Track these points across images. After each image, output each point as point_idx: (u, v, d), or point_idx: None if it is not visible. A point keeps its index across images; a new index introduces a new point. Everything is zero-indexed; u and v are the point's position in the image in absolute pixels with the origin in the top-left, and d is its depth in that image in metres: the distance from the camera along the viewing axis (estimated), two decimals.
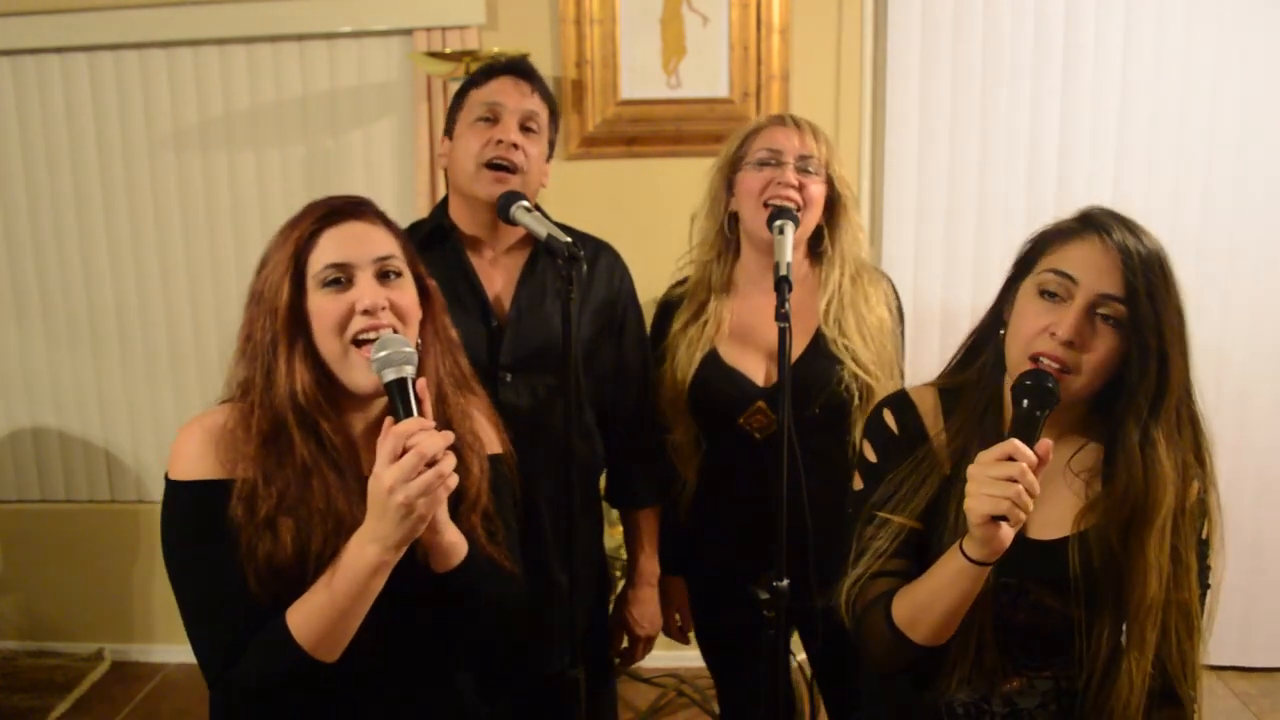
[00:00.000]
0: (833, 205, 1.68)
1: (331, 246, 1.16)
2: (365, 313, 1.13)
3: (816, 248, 1.71)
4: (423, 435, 1.03)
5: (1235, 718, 2.68)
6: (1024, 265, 1.22)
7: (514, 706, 1.64)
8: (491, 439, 1.32)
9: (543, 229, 1.43)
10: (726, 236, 1.72)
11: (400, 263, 1.20)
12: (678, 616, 1.84)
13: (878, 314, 1.67)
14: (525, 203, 1.51)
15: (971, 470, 1.04)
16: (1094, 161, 2.72)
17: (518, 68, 1.65)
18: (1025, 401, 1.06)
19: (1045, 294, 1.15)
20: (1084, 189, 2.72)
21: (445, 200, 1.70)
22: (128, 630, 3.11)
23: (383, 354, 1.09)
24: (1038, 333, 1.13)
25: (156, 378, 3.01)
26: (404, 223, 1.75)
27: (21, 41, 2.80)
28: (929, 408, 1.28)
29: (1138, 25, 2.65)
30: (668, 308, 1.77)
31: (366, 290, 1.14)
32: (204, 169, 2.88)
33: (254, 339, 1.16)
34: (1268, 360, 2.76)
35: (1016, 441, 1.02)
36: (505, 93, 1.61)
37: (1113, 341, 1.11)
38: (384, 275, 1.17)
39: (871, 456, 1.29)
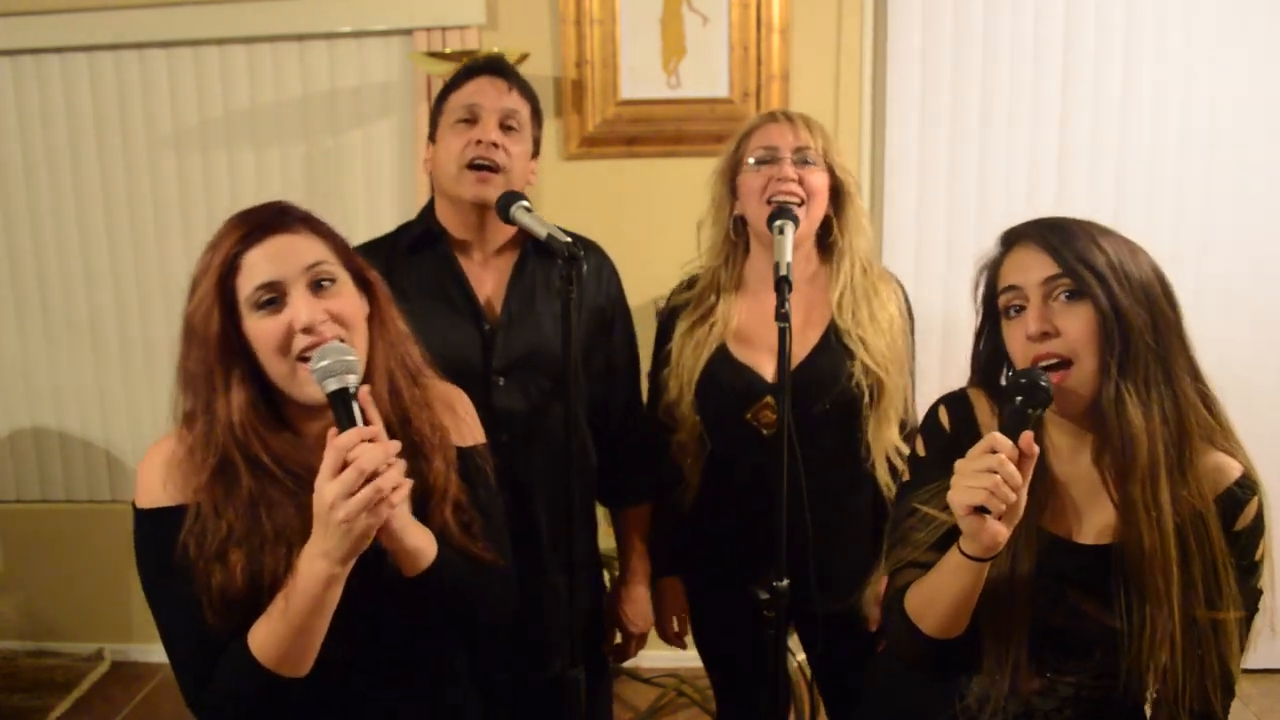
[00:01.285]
0: (838, 194, 1.67)
1: (258, 266, 1.11)
2: (305, 330, 1.10)
3: (826, 239, 1.70)
4: (363, 448, 1.00)
5: (1235, 718, 2.67)
6: (988, 304, 1.26)
7: (513, 707, 1.65)
8: (467, 428, 1.29)
9: (543, 230, 1.43)
10: (733, 240, 1.71)
11: (333, 267, 1.15)
12: (675, 620, 1.82)
13: (889, 309, 1.67)
14: (525, 203, 1.51)
15: (957, 465, 1.06)
16: (1095, 160, 2.72)
17: (494, 67, 1.64)
18: (1018, 398, 1.07)
19: (1010, 313, 1.20)
20: (1085, 187, 2.73)
21: (431, 203, 1.70)
22: (128, 630, 3.11)
23: (322, 364, 1.05)
24: (1023, 345, 1.17)
25: (156, 378, 3.01)
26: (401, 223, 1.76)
27: (21, 41, 2.80)
28: (985, 410, 1.28)
29: (1138, 24, 2.65)
30: (673, 313, 1.75)
31: (302, 307, 1.10)
32: (204, 169, 2.88)
33: (190, 371, 1.13)
34: (1270, 359, 2.76)
35: (997, 434, 1.03)
36: (483, 93, 1.60)
37: (1083, 311, 1.14)
38: (317, 285, 1.13)
39: (921, 451, 1.30)
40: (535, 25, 2.73)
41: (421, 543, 1.11)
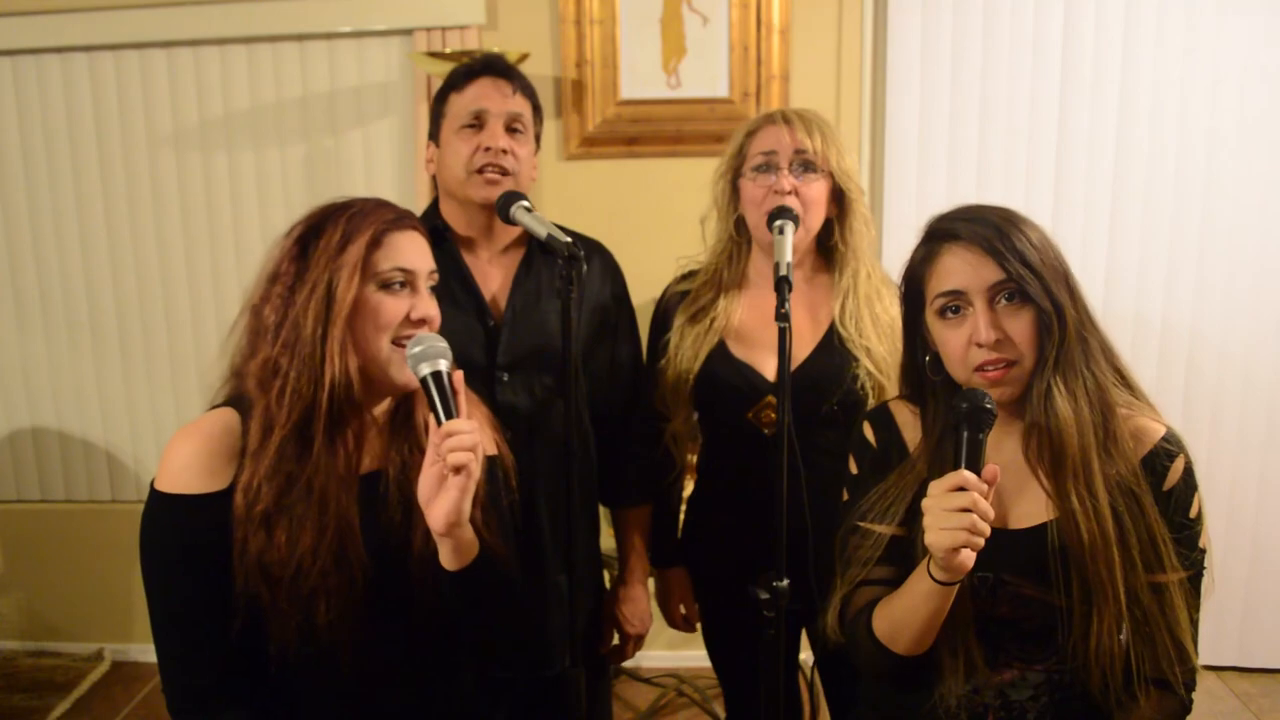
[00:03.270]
0: (840, 200, 1.65)
1: (402, 250, 1.18)
2: (420, 321, 1.17)
3: (827, 241, 1.69)
4: (464, 438, 1.06)
5: (1235, 718, 2.68)
6: (915, 301, 1.26)
7: (514, 706, 1.65)
8: (487, 437, 1.31)
9: (543, 229, 1.43)
10: (736, 240, 1.70)
11: (435, 277, 1.23)
12: (682, 607, 1.82)
13: (890, 313, 1.65)
14: (525, 202, 1.51)
15: (926, 504, 1.06)
16: (1093, 160, 2.72)
17: (496, 67, 1.64)
18: (965, 429, 1.07)
19: (948, 314, 1.20)
20: (1083, 187, 2.73)
21: (436, 202, 1.70)
22: (128, 630, 3.11)
23: (418, 349, 1.11)
24: (965, 349, 1.17)
25: (156, 378, 3.01)
26: None
27: (21, 41, 2.80)
28: (907, 419, 1.30)
29: (1137, 23, 2.65)
30: (671, 301, 1.76)
31: (425, 302, 1.19)
32: (204, 169, 2.88)
33: (297, 324, 1.12)
34: (1269, 358, 2.76)
35: (965, 472, 1.04)
36: (487, 97, 1.60)
37: (1026, 314, 1.16)
38: (431, 288, 1.22)
39: (854, 469, 1.32)
40: (535, 25, 2.73)
41: (473, 537, 1.14)
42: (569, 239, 1.39)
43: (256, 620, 1.10)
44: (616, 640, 1.84)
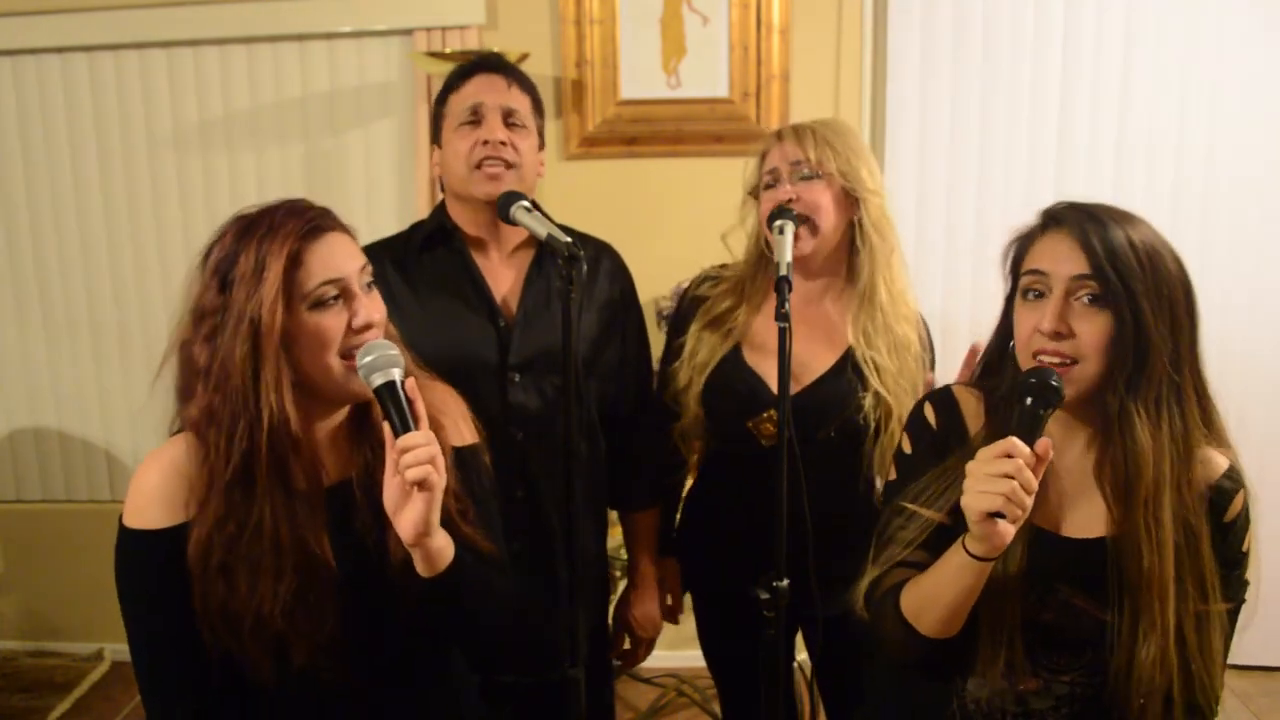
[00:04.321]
0: (858, 207, 1.62)
1: (323, 262, 1.09)
2: (365, 326, 1.10)
3: (853, 257, 1.65)
4: (422, 451, 1.02)
5: (1235, 717, 2.68)
6: (1014, 277, 1.24)
7: (514, 707, 1.64)
8: (466, 427, 1.28)
9: (543, 229, 1.42)
10: (766, 258, 1.68)
11: (368, 270, 1.16)
12: (669, 597, 1.83)
13: (908, 331, 1.63)
14: (525, 202, 1.50)
15: (970, 467, 1.04)
16: (1093, 160, 2.73)
17: (491, 64, 1.64)
18: (1028, 399, 1.05)
19: (1029, 295, 1.17)
20: (1083, 187, 2.72)
21: (444, 203, 1.69)
22: None
23: (368, 360, 1.06)
24: (1030, 333, 1.15)
25: (157, 378, 3.01)
26: (404, 224, 1.77)
27: (21, 41, 2.80)
28: (972, 408, 1.27)
29: (1138, 23, 2.66)
30: (694, 302, 1.74)
31: (364, 305, 1.11)
32: (204, 169, 2.88)
33: (224, 365, 1.08)
34: (1268, 355, 2.77)
35: (1014, 439, 1.02)
36: (483, 92, 1.60)
37: (1102, 320, 1.11)
38: (368, 286, 1.15)
39: (907, 448, 1.29)
40: (535, 25, 2.73)
41: (444, 543, 1.10)
42: (569, 239, 1.39)
43: (231, 663, 1.09)
44: (627, 645, 1.84)
